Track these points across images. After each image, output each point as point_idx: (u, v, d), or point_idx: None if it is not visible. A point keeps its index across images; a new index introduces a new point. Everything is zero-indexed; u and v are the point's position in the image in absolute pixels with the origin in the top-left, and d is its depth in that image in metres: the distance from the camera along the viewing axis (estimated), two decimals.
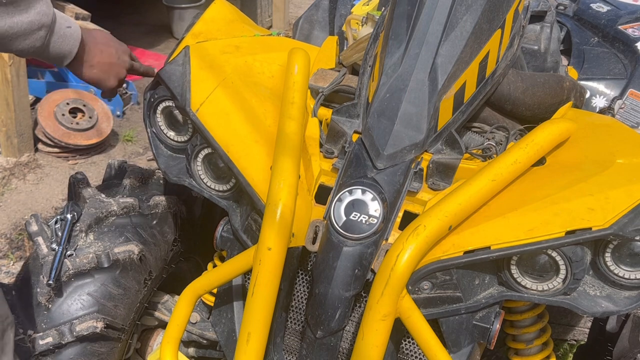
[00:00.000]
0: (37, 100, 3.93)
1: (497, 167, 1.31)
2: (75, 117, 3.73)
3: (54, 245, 1.60)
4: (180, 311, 1.37)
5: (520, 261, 1.30)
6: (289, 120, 1.40)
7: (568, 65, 2.07)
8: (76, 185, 1.77)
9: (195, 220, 1.91)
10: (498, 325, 1.34)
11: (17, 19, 1.24)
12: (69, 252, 1.60)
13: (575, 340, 2.14)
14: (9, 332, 1.36)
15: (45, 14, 1.28)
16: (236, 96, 1.50)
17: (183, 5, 5.53)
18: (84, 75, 1.47)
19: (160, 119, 1.59)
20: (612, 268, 1.29)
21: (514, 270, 1.31)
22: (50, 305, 1.59)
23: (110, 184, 1.85)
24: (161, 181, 1.87)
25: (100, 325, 1.59)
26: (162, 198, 1.79)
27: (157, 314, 1.87)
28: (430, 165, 1.37)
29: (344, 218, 1.30)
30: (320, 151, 1.46)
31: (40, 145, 3.69)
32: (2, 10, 1.21)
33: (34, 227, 1.66)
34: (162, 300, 1.88)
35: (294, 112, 1.42)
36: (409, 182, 1.35)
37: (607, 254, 1.28)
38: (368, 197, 1.30)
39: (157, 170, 1.87)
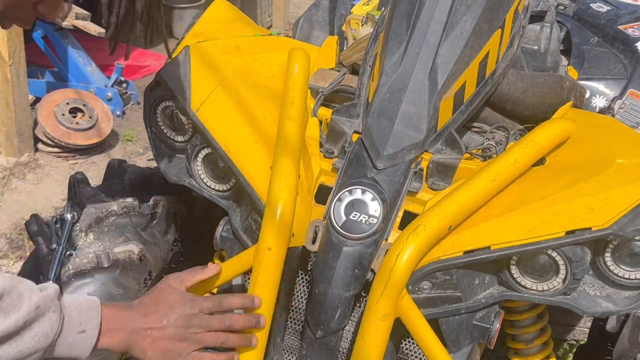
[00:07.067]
0: (37, 100, 3.92)
1: (497, 167, 1.31)
2: (75, 117, 3.72)
3: (54, 245, 1.60)
4: None
5: (520, 261, 1.30)
6: (289, 120, 1.40)
7: (568, 65, 2.07)
8: (76, 185, 1.77)
9: (195, 220, 1.91)
10: (498, 325, 1.34)
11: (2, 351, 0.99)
12: (69, 252, 1.59)
13: (575, 340, 2.13)
14: None
15: (45, 335, 1.03)
16: (236, 96, 1.50)
17: (183, 5, 5.53)
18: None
19: (160, 119, 1.59)
20: (612, 268, 1.29)
21: (514, 270, 1.31)
22: None
23: (110, 184, 1.85)
24: (161, 181, 1.87)
25: None
26: (162, 198, 1.79)
27: None
28: (430, 165, 1.37)
29: (344, 218, 1.30)
30: (320, 151, 1.46)
31: (40, 145, 3.68)
32: None
33: (34, 227, 1.65)
34: None
35: (294, 112, 1.42)
36: (409, 182, 1.35)
37: (607, 254, 1.28)
38: (368, 197, 1.30)
39: (157, 170, 1.87)
